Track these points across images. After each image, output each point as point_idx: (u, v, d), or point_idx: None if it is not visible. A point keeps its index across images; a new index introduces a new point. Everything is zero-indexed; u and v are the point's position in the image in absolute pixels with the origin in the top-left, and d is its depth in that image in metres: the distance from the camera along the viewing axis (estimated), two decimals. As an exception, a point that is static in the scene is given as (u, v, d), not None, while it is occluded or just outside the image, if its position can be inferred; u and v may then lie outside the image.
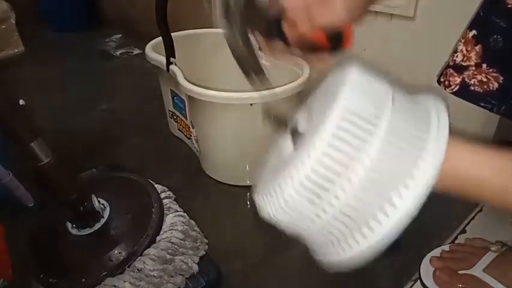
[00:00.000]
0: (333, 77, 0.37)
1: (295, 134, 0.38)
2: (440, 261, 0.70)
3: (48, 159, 0.63)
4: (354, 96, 0.31)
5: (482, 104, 0.47)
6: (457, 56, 0.46)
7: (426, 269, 0.71)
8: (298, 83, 0.92)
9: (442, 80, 0.49)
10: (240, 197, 1.01)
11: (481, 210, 0.90)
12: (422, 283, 0.70)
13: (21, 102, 0.62)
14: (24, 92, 0.77)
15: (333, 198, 0.31)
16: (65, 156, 0.66)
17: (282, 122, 0.39)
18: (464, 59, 0.45)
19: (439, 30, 0.89)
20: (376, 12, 0.97)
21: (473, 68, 0.45)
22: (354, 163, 0.30)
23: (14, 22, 1.91)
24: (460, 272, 0.67)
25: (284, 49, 0.45)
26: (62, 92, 1.64)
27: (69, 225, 0.72)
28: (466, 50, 0.44)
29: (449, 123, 0.34)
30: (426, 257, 0.73)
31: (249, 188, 1.03)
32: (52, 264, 0.71)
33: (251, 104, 0.90)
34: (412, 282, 0.73)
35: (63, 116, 1.44)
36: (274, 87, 0.90)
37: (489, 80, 0.44)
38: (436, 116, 0.35)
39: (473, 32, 0.44)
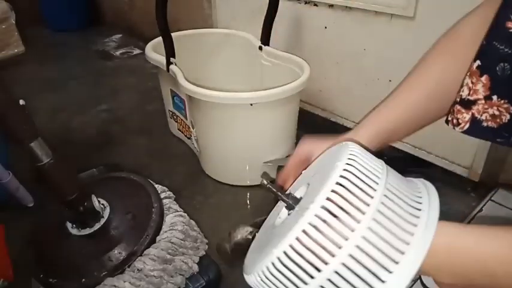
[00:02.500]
0: (332, 152, 0.39)
1: (292, 202, 0.38)
2: (440, 261, 0.70)
3: (48, 159, 0.63)
4: (349, 173, 0.32)
5: (498, 140, 0.42)
6: (463, 91, 0.42)
7: (426, 269, 0.71)
8: (298, 83, 0.92)
9: (449, 118, 0.46)
10: (240, 197, 1.01)
11: (481, 211, 0.90)
12: (422, 283, 0.70)
13: (21, 102, 0.62)
14: (24, 92, 0.77)
15: (320, 265, 0.30)
16: (65, 156, 0.66)
17: (280, 192, 0.39)
18: (471, 92, 0.41)
19: (439, 30, 0.89)
20: (376, 12, 0.97)
21: (483, 102, 0.41)
22: (340, 240, 0.30)
23: (14, 22, 1.91)
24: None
25: None
26: (62, 92, 1.64)
27: (69, 225, 0.72)
28: (472, 82, 0.41)
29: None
30: (426, 256, 0.73)
31: (249, 188, 1.03)
32: (52, 264, 0.71)
33: (251, 104, 0.90)
34: (412, 282, 0.73)
35: (63, 116, 1.44)
36: (274, 87, 0.90)
37: (501, 112, 0.40)
38: (428, 205, 0.34)
39: (477, 62, 0.41)
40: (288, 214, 0.38)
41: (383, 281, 0.30)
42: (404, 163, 1.02)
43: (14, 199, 0.91)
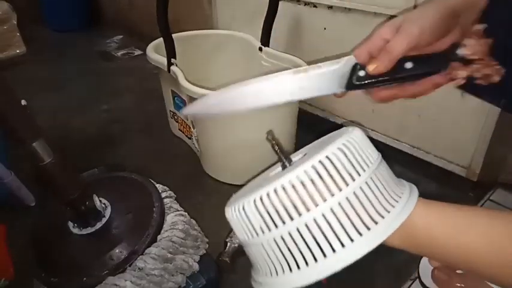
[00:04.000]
0: (336, 133, 0.42)
1: (287, 162, 0.43)
2: (438, 260, 0.70)
3: (49, 159, 0.63)
4: (346, 147, 0.36)
5: (487, 99, 0.46)
6: (462, 50, 0.45)
7: (425, 268, 0.71)
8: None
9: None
10: (240, 196, 1.02)
11: (479, 210, 0.90)
12: (421, 282, 0.70)
13: (23, 102, 0.62)
14: (25, 92, 0.78)
15: (287, 219, 0.34)
16: (66, 156, 0.67)
17: (281, 151, 0.43)
18: (470, 52, 0.44)
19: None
20: (375, 13, 0.97)
21: (480, 61, 0.44)
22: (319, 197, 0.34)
23: (15, 23, 1.91)
24: (459, 270, 0.67)
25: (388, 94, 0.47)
26: (63, 92, 1.64)
27: (70, 224, 0.72)
28: (473, 43, 0.44)
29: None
30: (425, 256, 0.73)
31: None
32: (53, 264, 0.71)
33: (251, 105, 0.90)
34: (411, 282, 0.74)
35: (64, 116, 1.45)
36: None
37: (493, 73, 0.44)
38: (408, 193, 0.38)
39: (483, 25, 0.43)
40: (281, 170, 0.42)
41: (343, 245, 0.35)
42: (403, 163, 1.03)
43: (15, 199, 0.91)
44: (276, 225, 0.35)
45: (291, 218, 0.34)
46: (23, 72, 1.82)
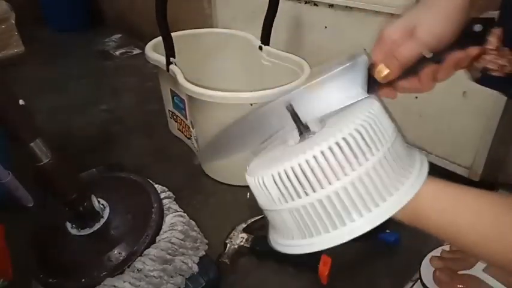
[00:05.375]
0: (356, 104, 0.43)
1: (304, 132, 0.43)
2: (440, 261, 0.70)
3: (48, 159, 0.63)
4: (367, 122, 0.38)
5: (502, 90, 0.45)
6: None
7: (426, 269, 0.71)
8: (298, 83, 0.92)
9: None
10: (240, 197, 1.01)
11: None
12: (422, 283, 0.70)
13: (21, 102, 0.62)
14: (24, 92, 0.77)
15: (309, 191, 0.37)
16: (65, 156, 0.66)
17: (298, 119, 0.44)
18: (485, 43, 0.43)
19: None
20: (376, 11, 0.97)
21: (495, 52, 0.43)
22: (341, 171, 0.36)
23: (14, 22, 1.91)
24: (460, 272, 0.67)
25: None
26: (61, 92, 1.64)
27: (68, 225, 0.72)
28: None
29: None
30: (426, 257, 0.72)
31: (249, 188, 1.03)
32: (52, 264, 0.71)
33: (251, 104, 0.90)
34: (413, 283, 0.73)
35: (63, 116, 1.44)
36: (275, 87, 0.90)
37: (509, 63, 0.43)
38: (419, 167, 0.41)
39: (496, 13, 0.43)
40: (300, 139, 0.43)
41: (361, 215, 0.37)
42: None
43: (13, 199, 0.91)
44: (299, 196, 0.37)
45: (314, 190, 0.36)
46: (22, 71, 1.82)
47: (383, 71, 0.42)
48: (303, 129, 0.43)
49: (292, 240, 0.41)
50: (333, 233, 0.38)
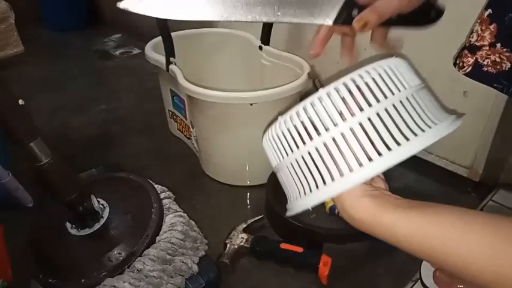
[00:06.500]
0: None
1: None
2: (440, 262, 0.70)
3: (47, 159, 0.63)
4: (382, 68, 0.36)
5: (495, 85, 0.46)
6: (472, 37, 0.45)
7: (426, 269, 0.71)
8: (298, 83, 0.92)
9: (457, 62, 0.48)
10: (240, 197, 1.01)
11: (481, 211, 0.90)
12: (422, 283, 0.70)
13: (21, 102, 0.61)
14: (23, 92, 0.77)
15: (314, 135, 0.36)
16: (65, 156, 0.66)
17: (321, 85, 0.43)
18: (479, 38, 0.44)
19: (439, 28, 0.88)
20: None
21: (487, 48, 0.44)
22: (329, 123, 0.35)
23: (13, 22, 1.90)
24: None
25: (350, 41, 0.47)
26: (61, 92, 1.64)
27: (68, 225, 0.72)
28: (481, 29, 0.44)
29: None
30: (427, 257, 0.72)
31: (249, 188, 1.03)
32: (51, 265, 0.71)
33: (251, 104, 0.90)
34: (413, 283, 0.73)
35: (63, 115, 1.44)
36: (275, 87, 0.90)
37: (502, 60, 0.43)
38: (448, 122, 0.38)
39: (489, 11, 0.43)
40: None
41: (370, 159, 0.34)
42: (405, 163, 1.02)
43: (13, 199, 0.90)
44: (304, 142, 0.36)
45: (318, 134, 0.35)
46: (21, 71, 1.81)
47: (362, 21, 0.43)
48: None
49: (300, 199, 0.39)
50: (349, 176, 0.35)
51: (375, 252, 0.83)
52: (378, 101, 0.35)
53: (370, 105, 0.35)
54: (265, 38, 1.12)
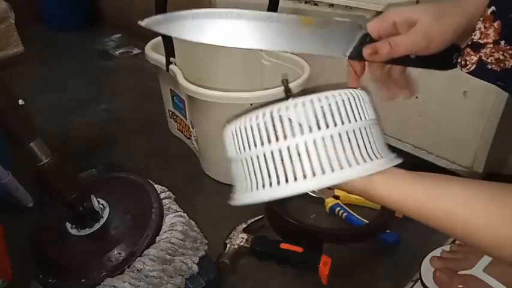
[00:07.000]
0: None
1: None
2: (440, 262, 0.70)
3: (47, 159, 0.63)
4: (341, 98, 0.39)
5: (498, 83, 0.46)
6: (475, 35, 0.44)
7: (426, 269, 0.71)
8: (298, 83, 0.92)
9: (459, 60, 0.48)
10: (240, 197, 1.01)
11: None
12: (422, 283, 0.70)
13: (21, 102, 0.62)
14: (23, 92, 0.77)
15: (273, 139, 0.39)
16: (65, 156, 0.66)
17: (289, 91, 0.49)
18: (482, 36, 0.43)
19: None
20: (377, 12, 0.97)
21: (491, 46, 0.43)
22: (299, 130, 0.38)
23: (13, 22, 1.90)
24: (461, 272, 0.67)
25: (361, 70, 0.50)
26: (61, 92, 1.63)
27: (68, 225, 0.72)
28: (485, 27, 0.43)
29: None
30: (427, 257, 0.72)
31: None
32: (51, 265, 0.71)
33: (251, 104, 0.90)
34: (413, 283, 0.73)
35: (63, 115, 1.44)
36: (275, 87, 0.90)
37: (506, 57, 0.43)
38: (391, 158, 0.43)
39: (492, 8, 0.43)
40: None
41: (314, 174, 0.39)
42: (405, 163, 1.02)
43: (13, 199, 0.90)
44: (262, 143, 0.40)
45: (277, 139, 0.39)
46: (21, 71, 1.81)
47: (372, 49, 0.45)
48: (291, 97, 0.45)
49: (247, 193, 0.45)
50: (281, 187, 0.39)
51: (375, 252, 0.83)
52: (342, 123, 0.39)
53: (335, 124, 0.38)
54: (265, 38, 1.12)
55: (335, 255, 0.77)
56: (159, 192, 0.81)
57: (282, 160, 0.39)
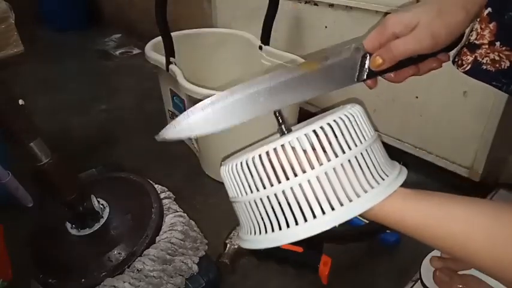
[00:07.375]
0: (339, 108, 0.43)
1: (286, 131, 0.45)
2: (440, 261, 0.70)
3: (47, 159, 0.63)
4: (341, 121, 0.37)
5: (494, 83, 0.46)
6: (472, 35, 0.45)
7: (426, 269, 0.71)
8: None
9: (456, 59, 0.48)
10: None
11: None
12: (422, 283, 0.70)
13: (21, 102, 0.62)
14: (23, 92, 0.77)
15: (274, 181, 0.37)
16: (65, 156, 0.66)
17: (282, 120, 0.45)
18: (478, 37, 0.44)
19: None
20: (376, 11, 0.97)
21: (486, 47, 0.44)
22: (304, 166, 0.36)
23: (13, 22, 1.90)
24: (460, 272, 0.67)
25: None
26: (61, 92, 1.64)
27: (68, 225, 0.72)
28: (481, 28, 0.44)
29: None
30: (427, 257, 0.72)
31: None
32: (51, 265, 0.71)
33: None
34: (413, 283, 0.73)
35: (63, 115, 1.44)
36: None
37: (501, 58, 0.43)
38: (396, 175, 0.40)
39: (489, 9, 0.43)
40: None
41: (323, 212, 0.36)
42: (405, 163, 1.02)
43: (13, 199, 0.90)
44: (264, 186, 0.37)
45: (279, 181, 0.36)
46: (21, 71, 1.81)
47: (378, 61, 0.44)
48: (284, 127, 0.45)
49: (252, 236, 0.40)
50: (292, 229, 0.37)
51: (375, 252, 0.83)
52: (343, 152, 0.36)
53: (336, 156, 0.36)
54: (265, 38, 1.12)
55: (335, 255, 0.77)
56: (159, 192, 0.81)
57: (296, 198, 0.37)
